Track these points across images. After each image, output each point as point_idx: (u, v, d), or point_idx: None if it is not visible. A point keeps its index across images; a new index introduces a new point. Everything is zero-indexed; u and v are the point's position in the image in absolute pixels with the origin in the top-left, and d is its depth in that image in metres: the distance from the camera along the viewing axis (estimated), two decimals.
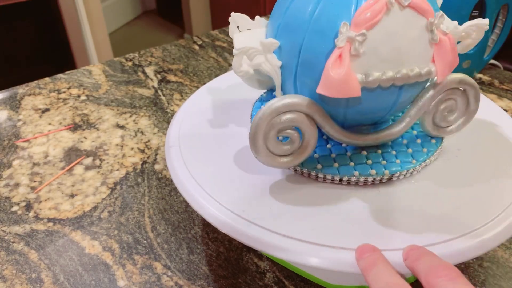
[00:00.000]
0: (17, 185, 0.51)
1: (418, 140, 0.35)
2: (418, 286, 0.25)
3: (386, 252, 0.27)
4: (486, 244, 0.28)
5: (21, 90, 0.71)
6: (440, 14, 0.28)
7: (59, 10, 1.67)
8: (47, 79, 0.74)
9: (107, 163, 0.54)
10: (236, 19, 0.37)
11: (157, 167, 0.53)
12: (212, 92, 0.46)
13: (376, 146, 0.35)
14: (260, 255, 0.41)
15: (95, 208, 0.47)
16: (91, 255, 0.42)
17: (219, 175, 0.34)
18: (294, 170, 0.34)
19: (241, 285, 0.38)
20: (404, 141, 0.35)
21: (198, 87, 0.68)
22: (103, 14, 1.90)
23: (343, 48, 0.28)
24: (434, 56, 0.30)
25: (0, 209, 0.48)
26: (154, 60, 0.80)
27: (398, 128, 0.33)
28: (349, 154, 0.34)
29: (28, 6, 1.57)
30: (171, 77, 0.74)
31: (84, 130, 0.60)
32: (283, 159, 0.32)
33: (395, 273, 0.25)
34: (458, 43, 0.34)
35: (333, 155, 0.34)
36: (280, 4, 0.33)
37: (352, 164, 0.33)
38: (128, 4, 2.83)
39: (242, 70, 0.34)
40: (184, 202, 0.47)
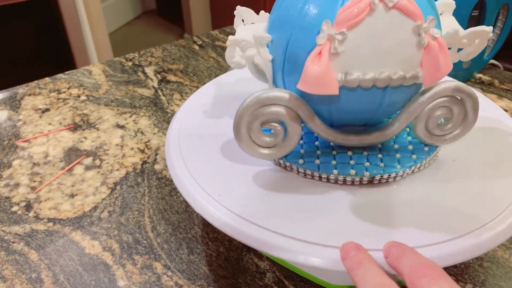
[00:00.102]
0: (17, 185, 0.51)
1: (410, 146, 0.34)
2: None
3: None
4: (486, 244, 0.28)
5: (21, 90, 0.71)
6: (431, 18, 0.28)
7: (59, 10, 1.67)
8: (47, 79, 0.74)
9: (107, 163, 0.54)
10: (241, 12, 0.38)
11: (157, 167, 0.53)
12: (212, 92, 0.46)
13: (363, 148, 0.34)
14: (260, 255, 0.41)
15: (95, 208, 0.47)
16: (91, 255, 0.42)
17: (219, 175, 0.34)
18: (277, 163, 0.35)
19: (241, 285, 0.38)
20: (395, 145, 0.35)
21: (198, 87, 0.68)
22: (103, 14, 1.90)
23: (323, 46, 0.28)
24: (422, 60, 0.29)
25: (0, 209, 0.48)
26: (154, 60, 0.80)
27: (386, 131, 0.33)
28: (334, 152, 0.34)
29: (28, 6, 1.57)
30: (171, 77, 0.74)
31: (84, 130, 0.60)
32: (265, 150, 0.33)
33: (382, 272, 0.24)
34: (460, 50, 0.34)
35: (318, 152, 0.34)
36: None
37: (334, 162, 0.33)
38: (128, 4, 2.83)
39: (235, 61, 0.35)
40: (184, 202, 0.47)
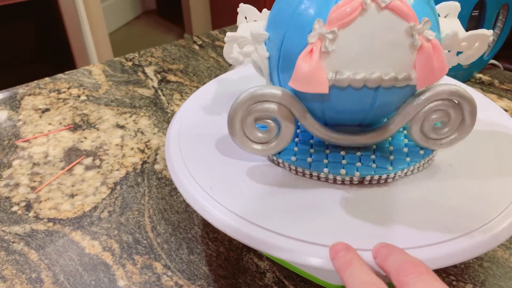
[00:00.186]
0: (17, 185, 0.51)
1: (405, 149, 0.34)
2: None
3: None
4: (486, 244, 0.28)
5: (21, 90, 0.71)
6: (426, 20, 0.27)
7: (59, 10, 1.67)
8: (47, 79, 0.74)
9: (107, 163, 0.54)
10: (244, 10, 0.38)
11: (157, 167, 0.53)
12: (212, 92, 0.46)
13: (357, 148, 0.34)
14: (260, 255, 0.41)
15: (95, 208, 0.47)
16: (91, 255, 0.42)
17: (219, 175, 0.34)
18: (271, 159, 0.35)
19: (241, 285, 0.38)
20: (391, 147, 0.35)
21: (198, 87, 0.68)
22: (103, 14, 1.90)
23: (314, 44, 0.28)
24: (415, 62, 0.28)
25: (0, 209, 0.48)
26: (154, 60, 0.80)
27: (380, 133, 0.33)
28: (327, 151, 0.34)
29: (28, 6, 1.57)
30: (171, 77, 0.74)
31: (84, 130, 0.60)
32: (258, 146, 0.34)
33: (371, 272, 0.25)
34: (459, 53, 0.33)
35: (311, 150, 0.35)
36: None
37: (326, 161, 0.33)
38: (128, 4, 2.83)
39: (232, 57, 0.35)
40: (184, 202, 0.47)
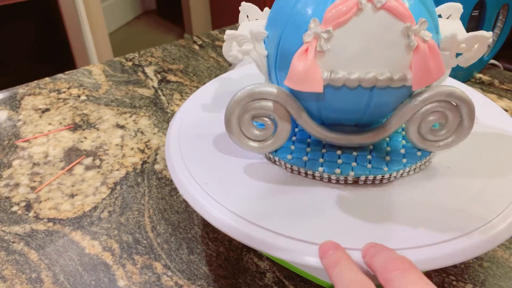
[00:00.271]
0: (17, 185, 0.51)
1: (402, 150, 0.34)
2: None
3: None
4: (486, 244, 0.28)
5: (21, 90, 0.71)
6: (423, 20, 0.27)
7: (59, 10, 1.67)
8: (47, 79, 0.74)
9: (107, 163, 0.54)
10: (246, 8, 0.38)
11: (157, 167, 0.53)
12: (212, 92, 0.46)
13: (354, 148, 0.34)
14: (260, 255, 0.41)
15: (95, 208, 0.47)
16: (91, 255, 0.42)
17: (219, 175, 0.34)
18: (268, 157, 0.35)
19: (241, 285, 0.38)
20: (388, 148, 0.35)
21: (198, 87, 0.68)
22: (103, 14, 1.90)
23: (309, 43, 0.28)
24: (411, 63, 0.28)
25: (0, 209, 0.48)
26: (154, 60, 0.80)
27: (376, 133, 0.33)
28: (323, 151, 0.35)
29: (28, 6, 1.58)
30: (171, 77, 0.74)
31: (84, 130, 0.60)
32: (255, 143, 0.34)
33: (359, 271, 0.25)
34: (459, 55, 0.33)
35: (308, 149, 0.35)
36: None
37: (321, 160, 0.34)
38: (128, 4, 2.83)
39: (231, 55, 0.36)
40: (184, 202, 0.47)
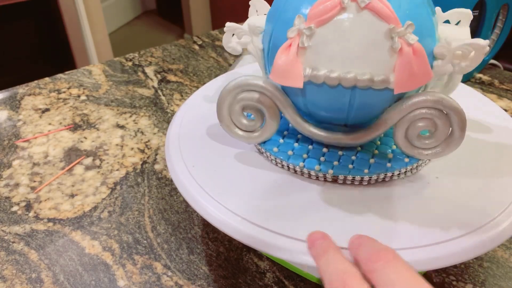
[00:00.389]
0: (17, 185, 0.51)
1: (390, 155, 0.34)
2: None
3: None
4: (486, 244, 0.28)
5: (21, 90, 0.71)
6: (409, 23, 0.27)
7: (59, 10, 1.67)
8: (47, 79, 0.74)
9: (107, 163, 0.54)
10: (256, 3, 0.39)
11: (157, 167, 0.53)
12: (212, 92, 0.46)
13: (340, 148, 0.35)
14: (260, 255, 0.41)
15: (95, 208, 0.47)
16: (91, 255, 0.42)
17: (219, 175, 0.34)
18: (257, 149, 0.36)
19: (241, 285, 0.38)
20: (375, 151, 0.34)
21: (198, 87, 0.68)
22: (103, 14, 1.90)
23: (293, 39, 0.29)
24: (394, 65, 0.28)
25: (0, 209, 0.48)
26: (154, 60, 0.80)
27: (362, 134, 0.33)
28: (310, 147, 0.35)
29: (28, 6, 1.58)
30: (171, 77, 0.74)
31: (84, 130, 0.60)
32: (243, 133, 0.35)
33: (346, 260, 0.25)
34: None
35: (296, 144, 0.35)
36: None
37: (305, 156, 0.34)
38: (128, 4, 2.83)
39: (230, 46, 0.37)
40: (184, 202, 0.47)
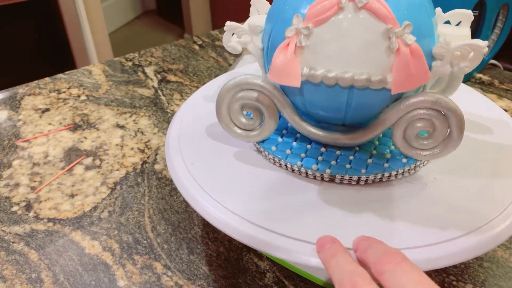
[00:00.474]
0: (17, 185, 0.51)
1: (388, 155, 0.34)
2: None
3: None
4: (486, 244, 0.28)
5: (21, 90, 0.71)
6: (407, 23, 0.27)
7: (59, 10, 1.67)
8: (47, 79, 0.74)
9: (107, 163, 0.54)
10: (256, 3, 0.39)
11: (157, 167, 0.53)
12: (212, 92, 0.46)
13: (338, 147, 0.35)
14: (260, 255, 0.41)
15: (95, 208, 0.47)
16: (91, 255, 0.42)
17: (219, 175, 0.34)
18: (256, 148, 0.37)
19: (241, 285, 0.38)
20: (373, 151, 0.34)
21: (198, 87, 0.68)
22: (103, 14, 1.90)
23: (291, 39, 0.29)
24: (392, 65, 0.28)
25: (0, 209, 0.48)
26: (154, 60, 0.80)
27: (360, 134, 0.33)
28: (308, 147, 0.35)
29: (28, 6, 1.58)
30: (171, 77, 0.74)
31: (84, 130, 0.60)
32: (242, 131, 0.35)
33: (355, 262, 0.25)
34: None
35: (294, 143, 0.36)
36: None
37: (303, 155, 0.34)
38: (128, 4, 2.83)
39: (230, 46, 0.37)
40: (184, 202, 0.47)
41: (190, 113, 0.42)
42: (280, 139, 0.36)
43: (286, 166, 0.34)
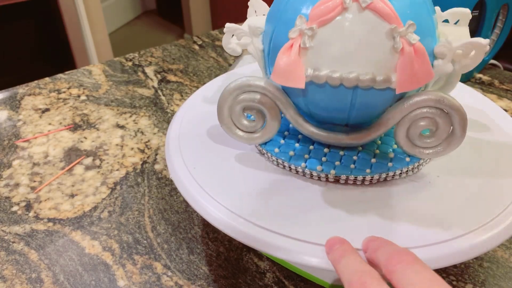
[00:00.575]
0: (17, 185, 0.51)
1: (391, 154, 0.34)
2: None
3: None
4: (486, 244, 0.28)
5: (21, 90, 0.71)
6: (410, 23, 0.27)
7: (59, 10, 1.67)
8: (47, 79, 0.74)
9: (107, 163, 0.54)
10: (254, 4, 0.39)
11: (157, 167, 0.53)
12: (212, 92, 0.46)
13: (341, 148, 0.35)
14: (260, 255, 0.41)
15: (95, 208, 0.47)
16: (91, 255, 0.42)
17: (219, 175, 0.34)
18: (258, 150, 0.36)
19: (241, 285, 0.38)
20: (376, 151, 0.35)
21: (198, 87, 0.68)
22: (103, 14, 1.90)
23: (295, 40, 0.29)
24: (396, 65, 0.28)
25: (0, 209, 0.48)
26: (154, 60, 0.80)
27: (364, 134, 0.33)
28: (311, 148, 0.35)
29: (28, 6, 1.58)
30: (171, 77, 0.74)
31: (84, 130, 0.60)
32: (244, 134, 0.35)
33: (364, 261, 0.25)
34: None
35: (297, 145, 0.35)
36: None
37: (307, 156, 0.34)
38: (128, 4, 2.83)
39: (230, 47, 0.37)
40: (184, 202, 0.47)
41: (190, 113, 0.42)
42: (282, 141, 0.36)
43: (289, 167, 0.34)
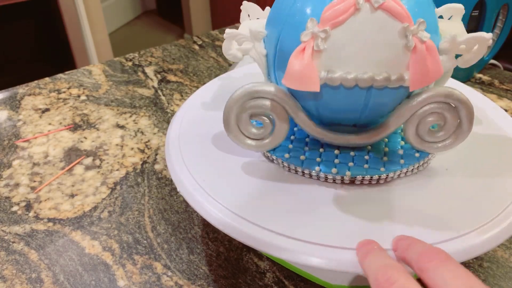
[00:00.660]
0: (17, 185, 0.51)
1: (400, 151, 0.34)
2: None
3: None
4: (486, 244, 0.28)
5: (21, 90, 0.71)
6: (421, 21, 0.27)
7: (59, 10, 1.67)
8: (47, 79, 0.74)
9: (107, 163, 0.54)
10: (248, 7, 0.39)
11: (157, 167, 0.53)
12: (212, 92, 0.46)
13: (352, 148, 0.34)
14: (260, 255, 0.41)
15: (95, 208, 0.47)
16: (91, 255, 0.42)
17: (219, 175, 0.34)
18: (266, 156, 0.36)
19: (241, 285, 0.38)
20: (386, 149, 0.35)
21: (198, 87, 0.68)
22: (103, 14, 1.90)
23: (307, 43, 0.28)
24: (409, 63, 0.28)
25: (0, 209, 0.48)
26: (154, 60, 0.80)
27: (373, 134, 0.33)
28: (321, 150, 0.35)
29: (28, 6, 1.58)
30: (171, 77, 0.74)
31: (84, 130, 0.60)
32: (253, 142, 0.34)
33: (389, 256, 0.25)
34: (458, 56, 0.33)
35: (306, 148, 0.35)
36: None
37: (319, 159, 0.34)
38: (128, 4, 2.83)
39: (231, 54, 0.36)
40: (184, 202, 0.47)
41: (190, 113, 0.42)
42: (290, 146, 0.35)
43: (303, 172, 0.34)
